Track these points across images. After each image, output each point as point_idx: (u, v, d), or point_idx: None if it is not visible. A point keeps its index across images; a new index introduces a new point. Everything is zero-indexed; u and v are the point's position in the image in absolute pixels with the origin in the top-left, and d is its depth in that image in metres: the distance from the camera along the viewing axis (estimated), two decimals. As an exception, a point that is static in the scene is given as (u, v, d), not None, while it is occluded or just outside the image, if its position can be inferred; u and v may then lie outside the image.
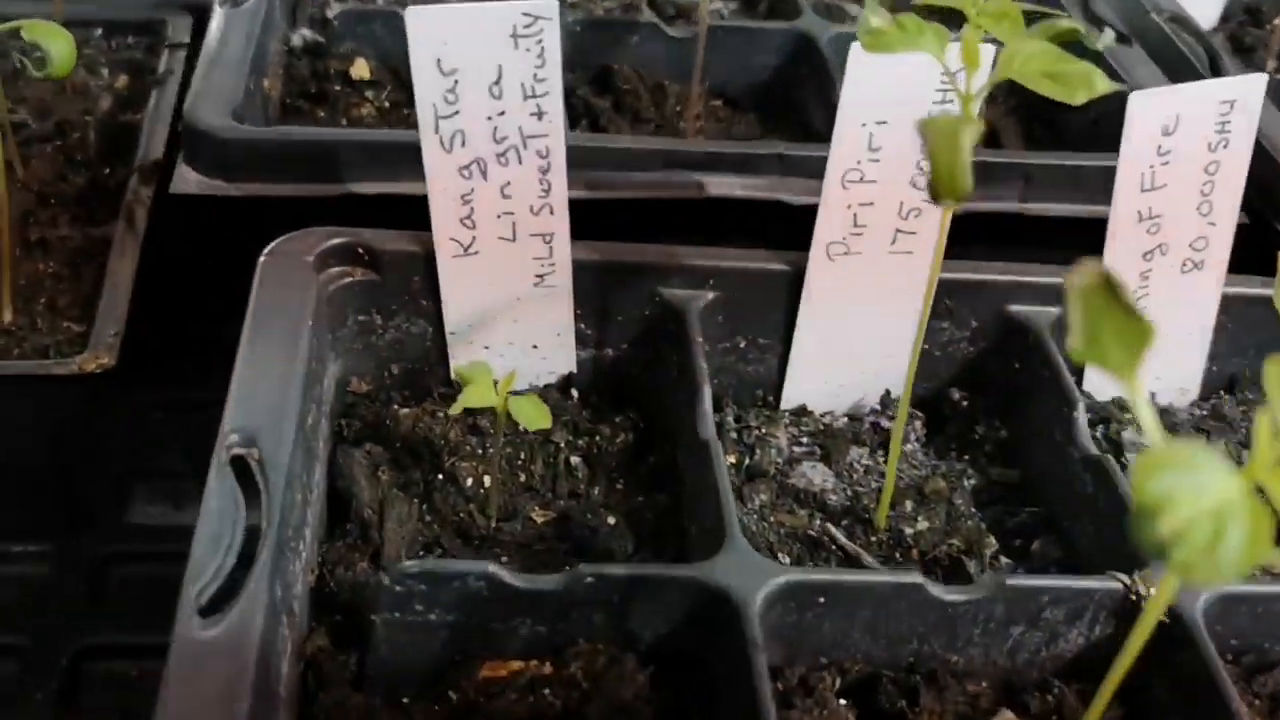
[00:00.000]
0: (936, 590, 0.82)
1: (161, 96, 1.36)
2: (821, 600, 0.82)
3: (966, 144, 0.64)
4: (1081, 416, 0.97)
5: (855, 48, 0.87)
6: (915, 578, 0.82)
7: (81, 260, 1.21)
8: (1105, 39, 0.78)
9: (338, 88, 1.37)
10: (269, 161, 1.08)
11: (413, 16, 0.84)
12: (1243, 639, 0.86)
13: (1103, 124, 1.20)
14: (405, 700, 0.82)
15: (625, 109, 1.38)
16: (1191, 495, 0.46)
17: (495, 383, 0.87)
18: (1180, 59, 1.37)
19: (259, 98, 1.22)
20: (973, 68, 0.73)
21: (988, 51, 0.77)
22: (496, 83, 0.88)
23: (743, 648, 0.76)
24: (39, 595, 1.20)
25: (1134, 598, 0.82)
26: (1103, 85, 0.72)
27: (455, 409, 0.85)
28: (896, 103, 0.91)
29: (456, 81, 0.87)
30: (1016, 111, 1.43)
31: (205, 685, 0.66)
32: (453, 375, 1.02)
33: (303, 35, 1.40)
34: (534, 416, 0.85)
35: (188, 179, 1.08)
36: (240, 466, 0.78)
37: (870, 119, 0.92)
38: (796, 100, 1.42)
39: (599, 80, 1.42)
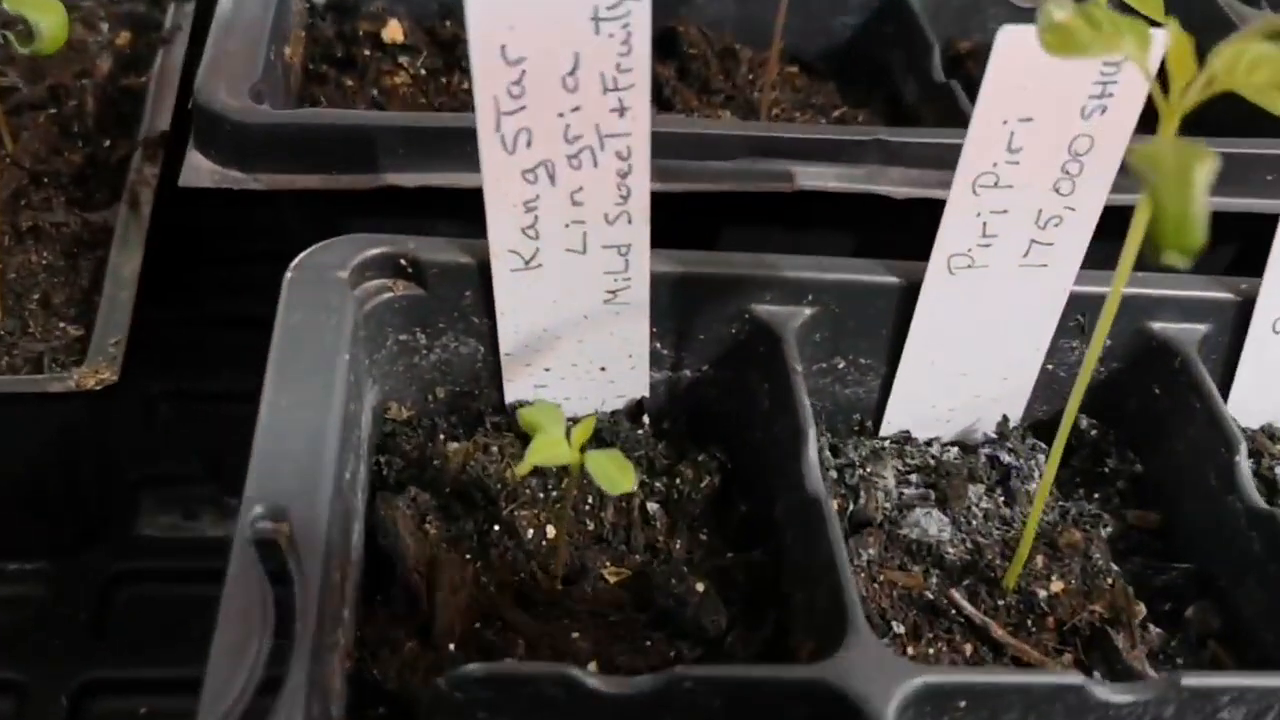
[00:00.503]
0: (1101, 691, 0.70)
1: (168, 57, 1.23)
2: (963, 705, 0.69)
3: (1202, 184, 0.51)
4: (1244, 461, 0.84)
5: (1007, 31, 0.73)
6: (1075, 678, 0.70)
7: (79, 250, 1.08)
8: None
9: (367, 52, 1.23)
10: (294, 149, 0.94)
11: (475, -2, 0.70)
12: None
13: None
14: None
15: (692, 77, 1.25)
16: None
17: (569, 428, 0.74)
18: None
19: (279, 68, 1.08)
20: (1182, 76, 0.60)
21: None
22: (572, 73, 0.74)
23: (874, 770, 0.64)
24: (39, 620, 1.09)
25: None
26: (1350, 98, 0.59)
27: (522, 469, 0.72)
28: (1045, 97, 0.77)
29: (524, 72, 0.73)
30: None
31: None
32: (508, 403, 0.90)
33: (328, -10, 1.27)
34: (617, 480, 0.72)
35: (199, 168, 0.95)
36: (267, 548, 0.65)
37: (1014, 115, 0.78)
38: (882, 66, 1.29)
39: (662, 43, 1.28)
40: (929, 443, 0.96)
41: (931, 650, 0.80)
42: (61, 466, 1.05)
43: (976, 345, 0.91)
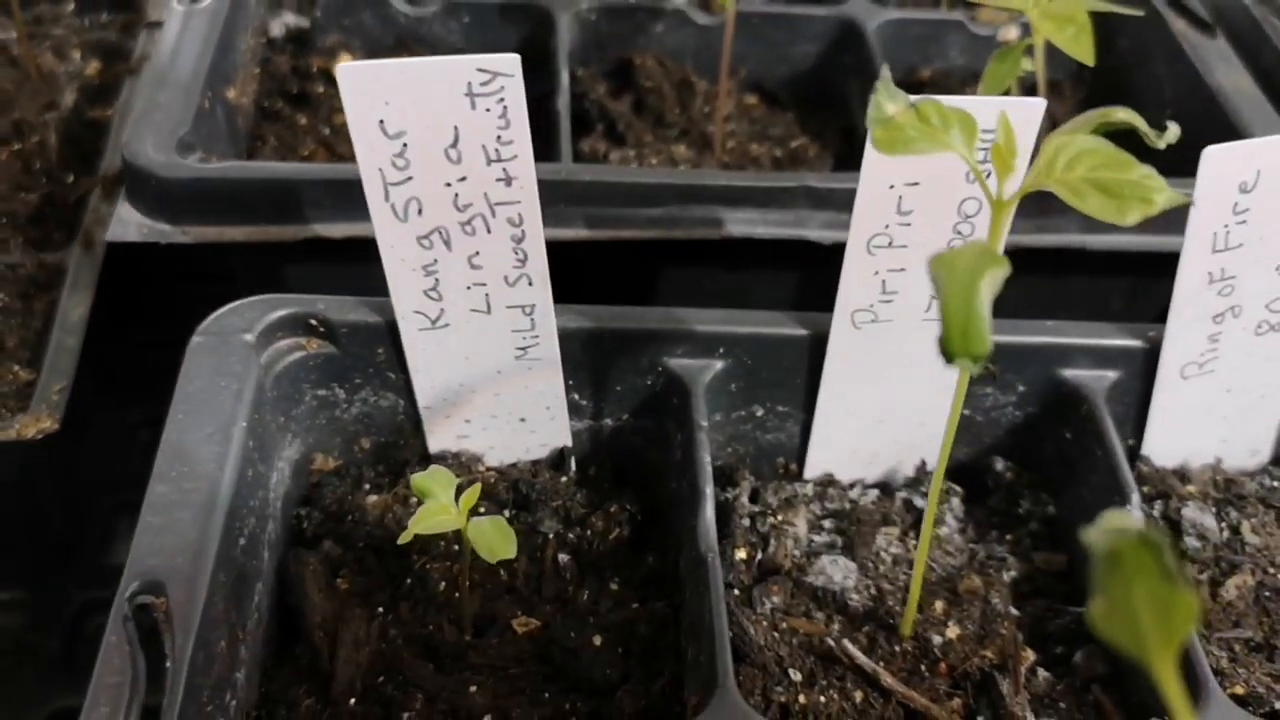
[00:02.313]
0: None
1: (134, 89, 1.28)
2: (824, 764, 0.74)
3: (987, 294, 0.56)
4: (1136, 510, 0.89)
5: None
6: (937, 737, 0.74)
7: (34, 292, 1.14)
8: (1169, 136, 0.68)
9: (320, 89, 1.29)
10: (220, 202, 1.00)
11: (345, 74, 0.76)
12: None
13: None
14: None
15: (647, 110, 1.29)
16: None
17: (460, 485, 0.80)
18: (1270, 52, 1.25)
19: (221, 114, 1.13)
20: (1005, 172, 0.64)
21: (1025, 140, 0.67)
22: (454, 145, 0.79)
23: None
24: (11, 649, 1.16)
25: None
26: (1162, 198, 0.63)
27: (405, 537, 0.77)
28: (929, 163, 0.82)
29: (405, 145, 0.79)
30: (1083, 106, 1.32)
31: None
32: (432, 453, 0.96)
33: (284, 23, 1.32)
34: (496, 547, 0.77)
35: (128, 222, 1.01)
36: (144, 620, 0.71)
37: (899, 180, 0.83)
38: (840, 95, 1.33)
39: (617, 74, 1.33)
40: (852, 485, 1.01)
41: (823, 698, 0.84)
42: (23, 505, 1.11)
43: (887, 394, 0.96)
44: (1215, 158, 0.84)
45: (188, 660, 0.70)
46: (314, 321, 0.91)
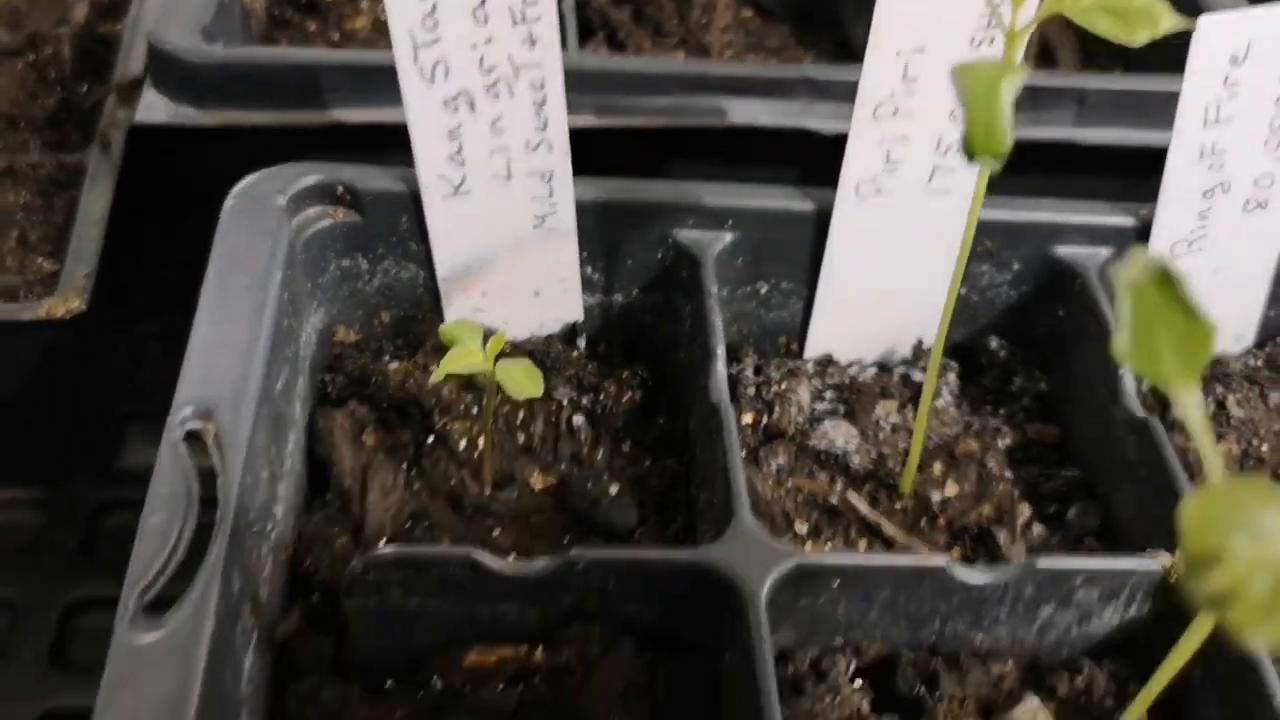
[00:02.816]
0: (962, 574, 0.80)
1: (142, 5, 1.32)
2: (836, 583, 0.79)
3: (1008, 96, 0.60)
4: (1129, 375, 0.93)
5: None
6: (939, 561, 0.80)
7: (54, 190, 1.18)
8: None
9: (329, -4, 1.33)
10: (243, 86, 1.05)
11: (381, -66, 0.80)
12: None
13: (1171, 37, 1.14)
14: (387, 687, 0.80)
15: (646, 20, 1.34)
16: (1249, 545, 0.43)
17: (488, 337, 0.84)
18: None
19: (237, 11, 1.18)
20: (1018, 1, 0.69)
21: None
22: (481, 6, 0.84)
23: (748, 640, 0.74)
24: (29, 544, 1.20)
25: (1174, 579, 0.79)
26: (1167, 21, 0.68)
27: (437, 376, 0.82)
28: (935, 28, 0.87)
29: (435, 6, 0.83)
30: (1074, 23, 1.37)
31: (145, 698, 0.63)
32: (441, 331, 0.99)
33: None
34: (524, 384, 0.82)
35: (155, 106, 1.05)
36: (195, 445, 0.75)
37: (906, 46, 0.88)
38: (834, 10, 1.37)
39: (618, -17, 1.37)
40: (850, 364, 1.05)
41: (829, 547, 0.89)
42: (44, 395, 1.15)
43: (888, 269, 1.00)
44: (1209, 28, 0.89)
45: (237, 481, 0.74)
46: (340, 189, 0.95)
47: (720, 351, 0.91)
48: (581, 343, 1.03)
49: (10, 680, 1.10)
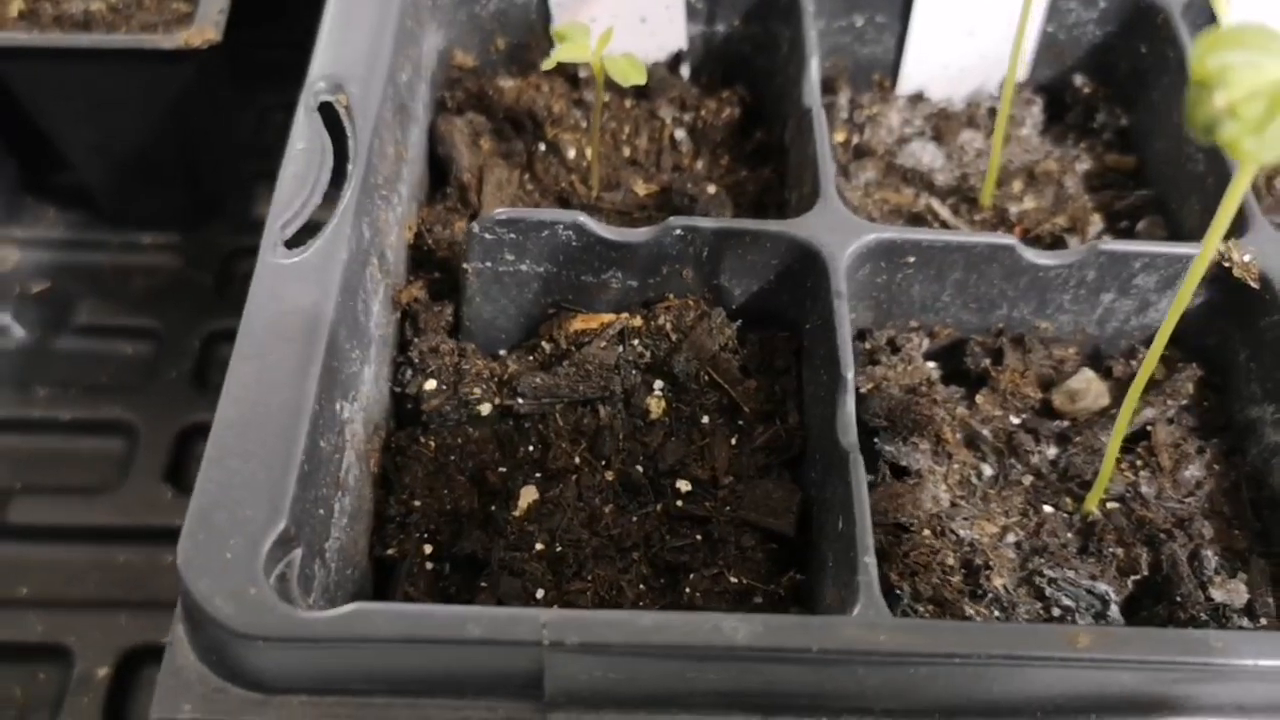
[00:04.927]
0: (1029, 254, 0.86)
1: None
2: (911, 260, 0.86)
3: None
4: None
5: None
6: (1008, 239, 0.86)
7: (191, -65, 1.26)
8: None
9: None
10: None
11: None
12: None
13: None
14: (500, 351, 0.89)
15: None
16: (1251, 72, 0.50)
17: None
18: None
19: None
20: None
21: None
22: None
23: (828, 307, 0.81)
24: (171, 283, 1.31)
25: (1226, 264, 0.85)
26: None
27: (548, 64, 0.89)
28: None
29: None
30: None
31: (287, 307, 0.72)
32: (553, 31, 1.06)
33: None
34: (628, 72, 0.89)
35: None
36: (329, 113, 0.83)
37: None
38: None
39: None
40: (942, 101, 1.11)
41: (910, 248, 0.96)
42: (177, 137, 1.24)
43: (978, 3, 1.05)
44: None
45: (366, 145, 0.82)
46: (460, -85, 1.02)
47: (814, 61, 0.98)
48: (686, 71, 1.10)
49: (160, 395, 1.21)
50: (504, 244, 0.85)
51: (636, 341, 0.87)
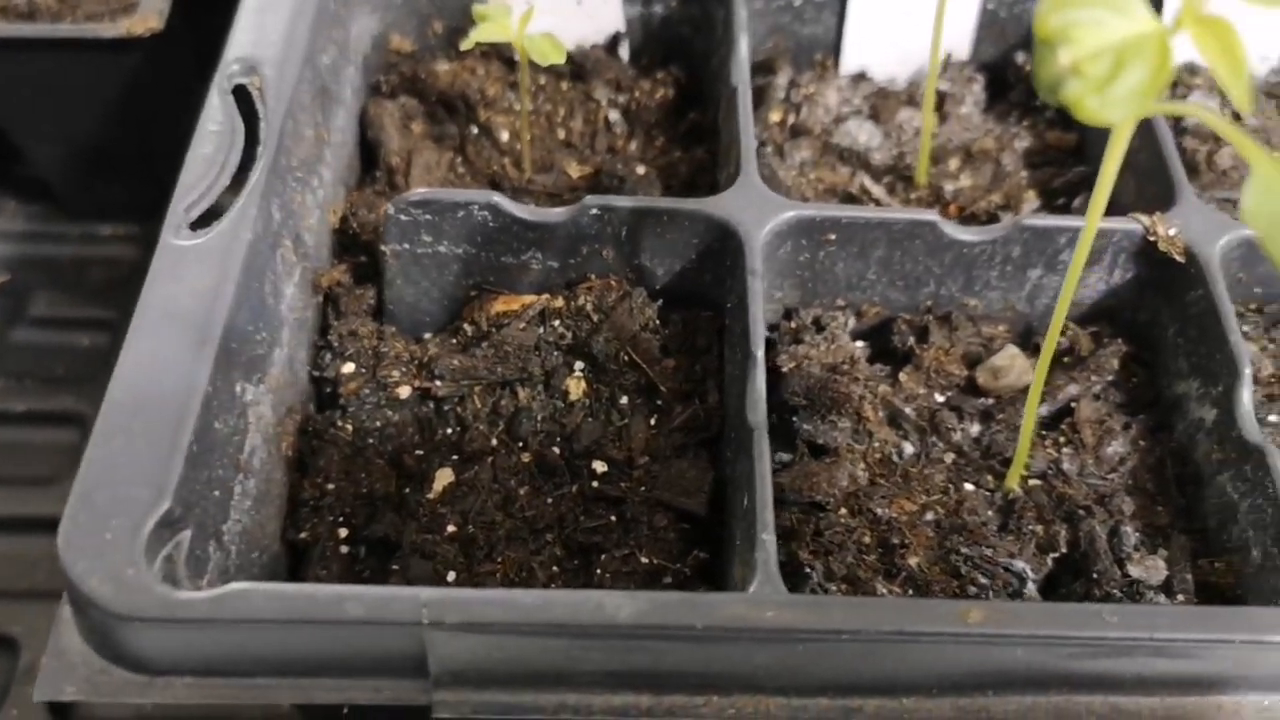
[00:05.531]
0: (951, 229, 0.85)
1: None
2: (833, 238, 0.85)
3: None
4: (1139, 71, 0.97)
5: None
6: (930, 215, 0.85)
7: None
8: None
9: None
10: None
11: None
12: (1266, 287, 0.87)
13: None
14: (425, 334, 0.88)
15: None
16: (1095, 30, 0.49)
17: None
18: None
19: None
20: None
21: None
22: None
23: (744, 286, 0.80)
24: (127, 276, 1.30)
25: (1152, 239, 0.84)
26: None
27: (466, 44, 0.89)
28: None
29: None
30: None
31: (184, 289, 0.72)
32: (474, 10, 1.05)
33: None
34: (548, 52, 0.88)
35: None
36: (243, 96, 0.82)
37: None
38: None
39: None
40: (887, 81, 1.10)
41: (842, 228, 0.95)
42: (132, 126, 1.24)
43: (915, -21, 1.04)
44: None
45: (278, 127, 0.81)
46: (391, -106, 1.01)
47: (743, 40, 0.96)
48: (625, 53, 1.09)
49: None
50: (420, 225, 0.84)
51: (557, 322, 0.86)
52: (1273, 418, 0.84)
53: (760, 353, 0.76)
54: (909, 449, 0.82)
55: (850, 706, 0.64)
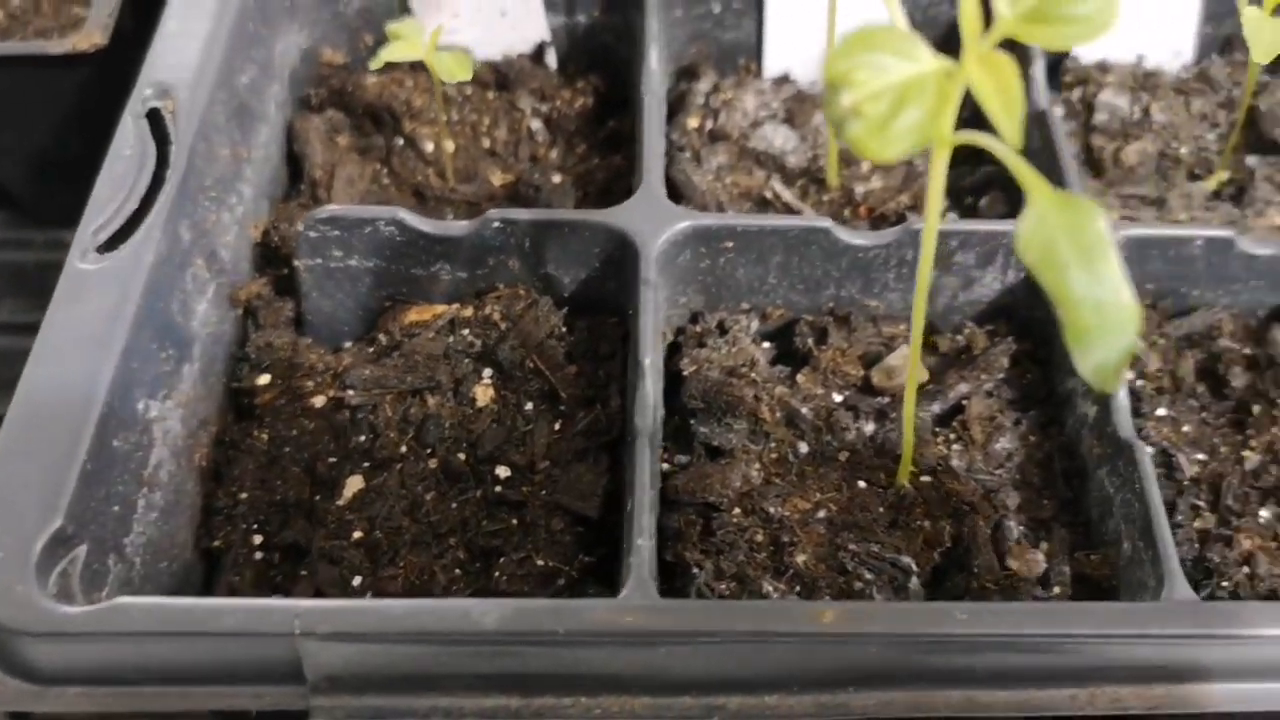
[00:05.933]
0: (844, 235, 0.87)
1: None
2: (730, 245, 0.87)
3: None
4: (1040, 73, 0.99)
5: None
6: (823, 222, 0.87)
7: (87, -57, 1.27)
8: None
9: None
10: None
11: None
12: (1159, 283, 0.89)
13: None
14: (345, 344, 0.91)
15: None
16: (876, 74, 0.51)
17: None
18: None
19: None
20: None
21: None
22: None
23: (639, 293, 0.83)
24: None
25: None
26: None
27: (376, 63, 0.91)
28: None
29: None
30: None
31: (86, 311, 0.74)
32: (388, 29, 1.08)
33: None
34: (454, 69, 0.90)
35: None
36: (156, 120, 0.85)
37: None
38: None
39: None
40: (811, 84, 1.12)
41: (753, 232, 0.97)
42: (89, 137, 1.25)
43: (830, -15, 1.06)
44: None
45: (189, 147, 0.84)
46: (316, -84, 1.04)
47: (653, 52, 0.99)
48: (552, 62, 1.11)
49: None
50: (330, 241, 0.87)
51: (466, 331, 0.88)
52: (1160, 411, 0.86)
53: (649, 360, 0.79)
54: (804, 448, 0.85)
55: (714, 704, 0.66)
